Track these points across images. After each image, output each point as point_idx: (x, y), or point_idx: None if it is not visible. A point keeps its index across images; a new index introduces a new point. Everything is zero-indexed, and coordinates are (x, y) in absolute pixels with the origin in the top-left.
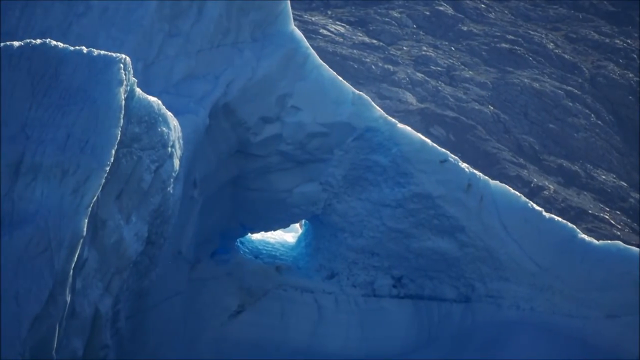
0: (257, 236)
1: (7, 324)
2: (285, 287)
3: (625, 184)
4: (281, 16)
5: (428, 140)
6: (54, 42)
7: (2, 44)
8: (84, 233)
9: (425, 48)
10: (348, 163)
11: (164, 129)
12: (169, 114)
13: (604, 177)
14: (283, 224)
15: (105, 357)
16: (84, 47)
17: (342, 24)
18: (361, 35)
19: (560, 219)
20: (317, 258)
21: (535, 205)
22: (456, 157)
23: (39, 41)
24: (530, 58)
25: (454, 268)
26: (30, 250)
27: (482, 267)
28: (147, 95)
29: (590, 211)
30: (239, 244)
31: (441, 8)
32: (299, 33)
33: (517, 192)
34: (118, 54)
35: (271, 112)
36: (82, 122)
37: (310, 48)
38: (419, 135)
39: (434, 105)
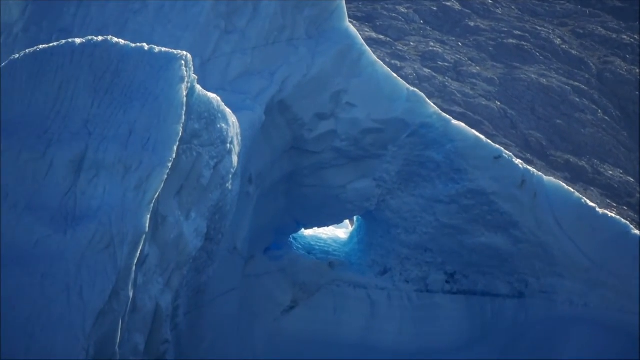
0: (309, 232)
1: (71, 319)
2: (338, 283)
3: (632, 180)
4: (336, 13)
5: (482, 137)
6: (115, 40)
7: (64, 41)
8: (147, 229)
9: (432, 44)
10: (402, 159)
11: (223, 125)
12: (228, 110)
13: (610, 172)
14: (336, 219)
15: (165, 352)
16: (145, 44)
17: (350, 20)
18: (368, 30)
19: (613, 214)
20: (370, 254)
21: (588, 201)
22: (510, 154)
23: (100, 38)
24: (537, 54)
25: (508, 264)
26: (93, 246)
27: (536, 263)
28: (207, 92)
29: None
30: (292, 240)
31: (448, 4)
32: (353, 30)
33: (570, 188)
34: (179, 51)
35: (326, 109)
36: (144, 119)
37: (365, 45)
38: (473, 131)
39: (441, 101)
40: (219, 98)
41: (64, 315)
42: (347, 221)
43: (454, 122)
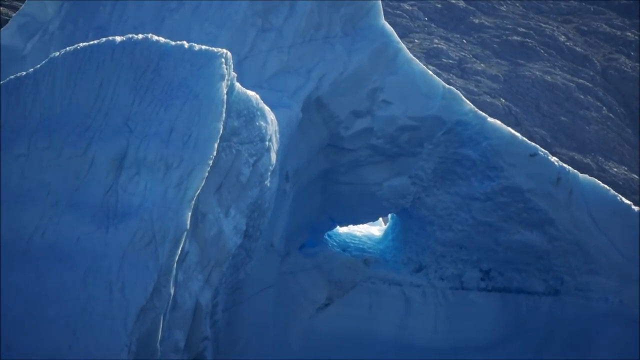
0: (343, 229)
1: (113, 316)
2: (373, 280)
3: (636, 177)
4: (372, 11)
5: (518, 134)
6: (155, 37)
7: (104, 39)
8: (188, 226)
9: (436, 41)
10: (438, 157)
11: (262, 123)
12: (267, 108)
13: (615, 169)
14: (372, 217)
15: (204, 349)
16: (185, 42)
17: None
18: None
19: None
20: (405, 251)
21: (624, 199)
22: (545, 151)
23: (140, 36)
24: (542, 51)
25: (543, 261)
26: (135, 243)
27: (571, 260)
28: (246, 90)
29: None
30: (326, 237)
31: (453, 1)
32: (389, 27)
33: (605, 186)
34: (219, 49)
35: (362, 106)
36: (185, 117)
37: (401, 42)
38: (509, 129)
39: None
40: (257, 96)
41: (106, 312)
42: (380, 218)
43: (490, 119)
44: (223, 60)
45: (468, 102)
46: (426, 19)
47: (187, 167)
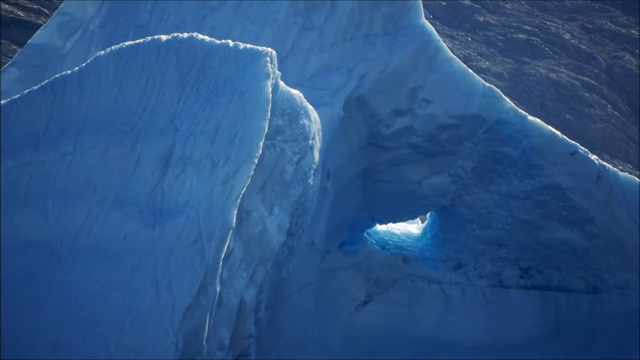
0: (382, 227)
1: (160, 313)
2: (412, 278)
3: None
4: (412, 9)
5: (558, 133)
6: (200, 36)
7: (149, 38)
8: (234, 224)
9: (442, 39)
10: (477, 155)
11: (306, 121)
12: (310, 106)
13: (620, 167)
14: (412, 215)
15: (249, 346)
16: (229, 41)
17: None
18: None
19: None
20: (444, 249)
21: None
22: (585, 149)
23: (186, 35)
24: (547, 48)
25: (583, 259)
26: (181, 240)
27: (611, 258)
28: (290, 88)
29: None
30: (365, 235)
31: None
32: (429, 26)
33: None
34: (264, 48)
35: (403, 105)
36: (231, 115)
37: (441, 41)
38: (549, 127)
39: None
40: (301, 94)
41: (153, 310)
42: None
43: (530, 118)
44: (268, 58)
45: (508, 100)
46: (431, 16)
47: (233, 166)
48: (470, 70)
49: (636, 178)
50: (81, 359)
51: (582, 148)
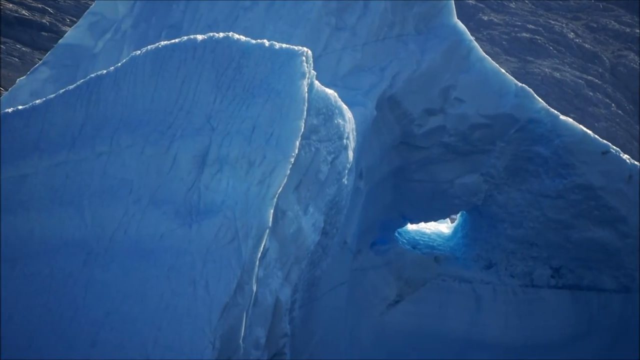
0: (413, 227)
1: (198, 312)
2: (443, 277)
3: None
4: (444, 9)
5: (590, 132)
6: (236, 36)
7: (185, 38)
8: (270, 224)
9: None
10: (509, 154)
11: (340, 121)
12: (344, 106)
13: None
14: (443, 214)
15: (284, 346)
16: (265, 41)
17: None
18: None
19: None
20: (475, 248)
21: None
22: (617, 148)
23: (222, 35)
24: (551, 47)
25: (614, 258)
26: (218, 239)
27: None
28: (325, 88)
29: None
30: (396, 235)
31: None
32: (461, 25)
33: None
34: (300, 47)
35: (435, 104)
36: (267, 115)
37: (474, 41)
38: (581, 126)
39: None
40: (336, 94)
41: (190, 308)
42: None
43: (562, 117)
44: (304, 58)
45: (540, 100)
46: None
47: (269, 165)
48: (503, 70)
49: None
50: (118, 357)
51: (614, 147)
